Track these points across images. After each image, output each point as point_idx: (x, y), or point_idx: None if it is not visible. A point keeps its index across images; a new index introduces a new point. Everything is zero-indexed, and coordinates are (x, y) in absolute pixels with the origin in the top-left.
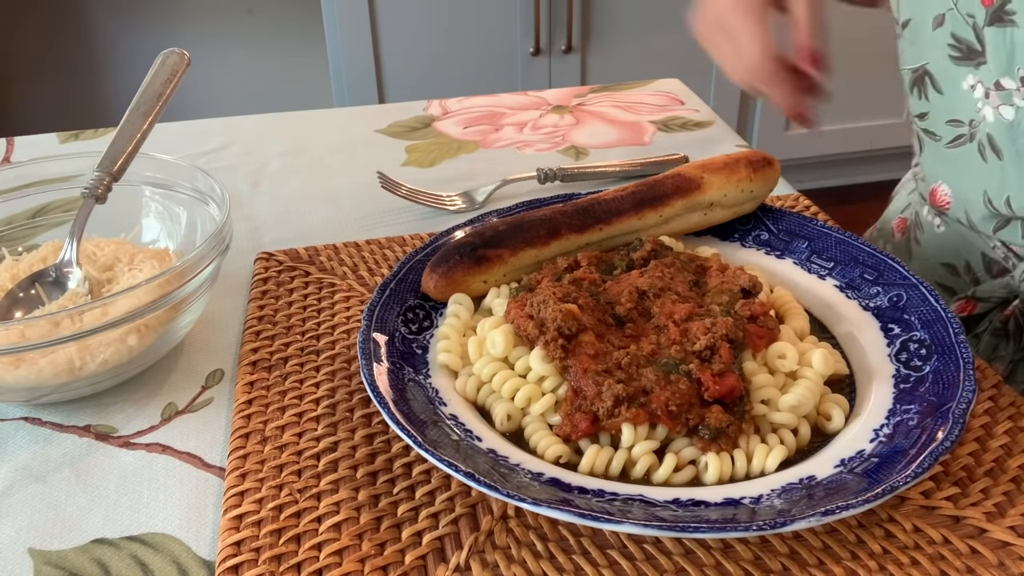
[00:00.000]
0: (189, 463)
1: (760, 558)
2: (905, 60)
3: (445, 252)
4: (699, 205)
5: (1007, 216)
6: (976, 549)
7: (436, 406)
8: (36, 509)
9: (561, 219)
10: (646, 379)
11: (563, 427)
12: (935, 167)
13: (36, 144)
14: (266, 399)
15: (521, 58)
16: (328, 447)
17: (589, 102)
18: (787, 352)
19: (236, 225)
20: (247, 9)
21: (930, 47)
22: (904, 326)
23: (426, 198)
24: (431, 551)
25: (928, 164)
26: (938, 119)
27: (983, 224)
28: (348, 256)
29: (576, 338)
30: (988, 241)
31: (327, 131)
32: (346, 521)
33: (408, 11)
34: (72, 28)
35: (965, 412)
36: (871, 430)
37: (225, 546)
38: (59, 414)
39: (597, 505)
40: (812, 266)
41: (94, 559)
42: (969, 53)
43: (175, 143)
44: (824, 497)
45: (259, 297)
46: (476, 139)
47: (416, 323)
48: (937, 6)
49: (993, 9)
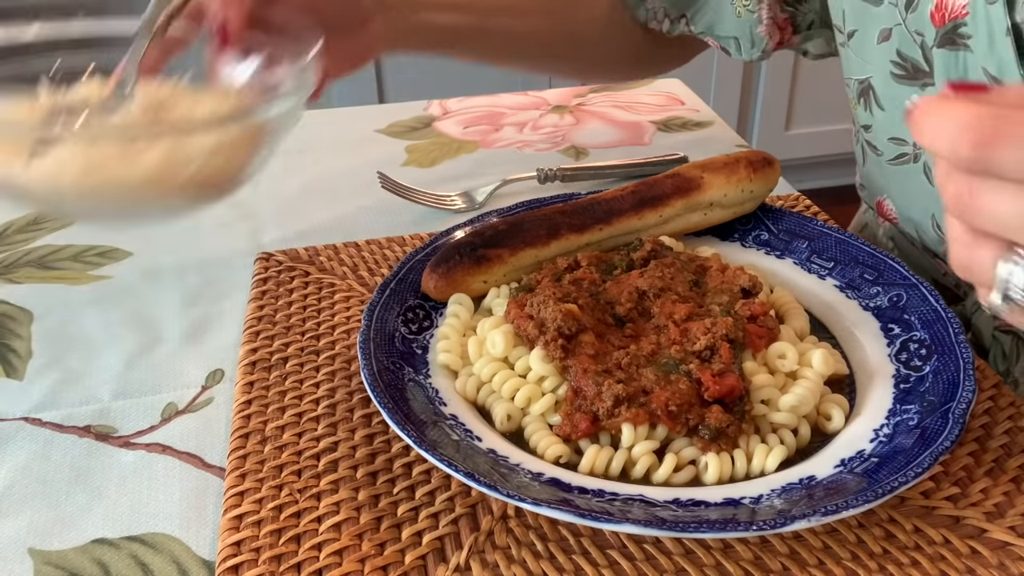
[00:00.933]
0: (189, 463)
1: (760, 558)
2: (851, 69)
3: (445, 252)
4: (699, 205)
5: None
6: (976, 549)
7: (436, 406)
8: (36, 509)
9: (561, 219)
10: (646, 379)
11: (563, 427)
12: (878, 181)
13: None
14: (266, 399)
15: None
16: (328, 447)
17: (589, 102)
18: (787, 352)
19: (236, 225)
20: None
21: (873, 61)
22: (904, 326)
23: (426, 198)
24: (431, 551)
25: (871, 177)
26: (881, 135)
27: (934, 245)
28: (348, 256)
29: (576, 338)
30: (939, 267)
31: (327, 131)
32: (346, 521)
33: None
34: None
35: (965, 412)
36: (871, 430)
37: (225, 546)
38: (59, 414)
39: (597, 505)
40: (812, 266)
41: (94, 559)
42: (915, 72)
43: None
44: (824, 497)
45: (259, 297)
46: (476, 139)
47: (416, 323)
48: (884, 20)
49: (945, 30)
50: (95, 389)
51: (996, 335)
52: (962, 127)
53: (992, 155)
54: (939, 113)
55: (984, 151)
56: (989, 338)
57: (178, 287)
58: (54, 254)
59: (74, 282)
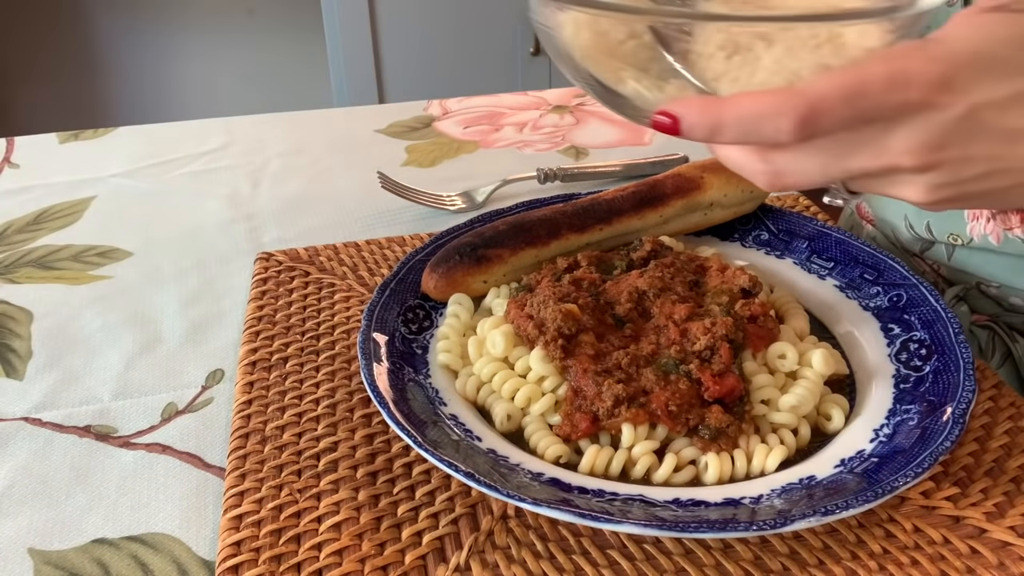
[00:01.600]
0: (189, 463)
1: (760, 558)
2: None
3: (445, 252)
4: (699, 205)
5: (931, 240)
6: (976, 549)
7: (436, 406)
8: (36, 509)
9: (561, 219)
10: (646, 379)
11: (563, 427)
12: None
13: (36, 144)
14: (266, 399)
15: (521, 58)
16: (328, 447)
17: (589, 102)
18: (787, 352)
19: (236, 225)
20: (247, 9)
21: None
22: (904, 326)
23: (426, 198)
24: (431, 551)
25: None
26: None
27: (911, 245)
28: (348, 256)
29: (576, 338)
30: (918, 265)
31: (327, 131)
32: (346, 521)
33: (408, 11)
34: (72, 28)
35: (965, 412)
36: (871, 430)
37: (225, 546)
38: (59, 414)
39: (597, 505)
40: (812, 266)
41: (94, 559)
42: None
43: (175, 143)
44: (824, 497)
45: (259, 297)
46: (476, 139)
47: (416, 323)
48: None
49: None
50: (95, 389)
51: (973, 330)
52: (777, 111)
53: (812, 128)
54: (736, 108)
55: (806, 126)
56: (966, 333)
57: (178, 287)
58: (54, 254)
59: (74, 282)
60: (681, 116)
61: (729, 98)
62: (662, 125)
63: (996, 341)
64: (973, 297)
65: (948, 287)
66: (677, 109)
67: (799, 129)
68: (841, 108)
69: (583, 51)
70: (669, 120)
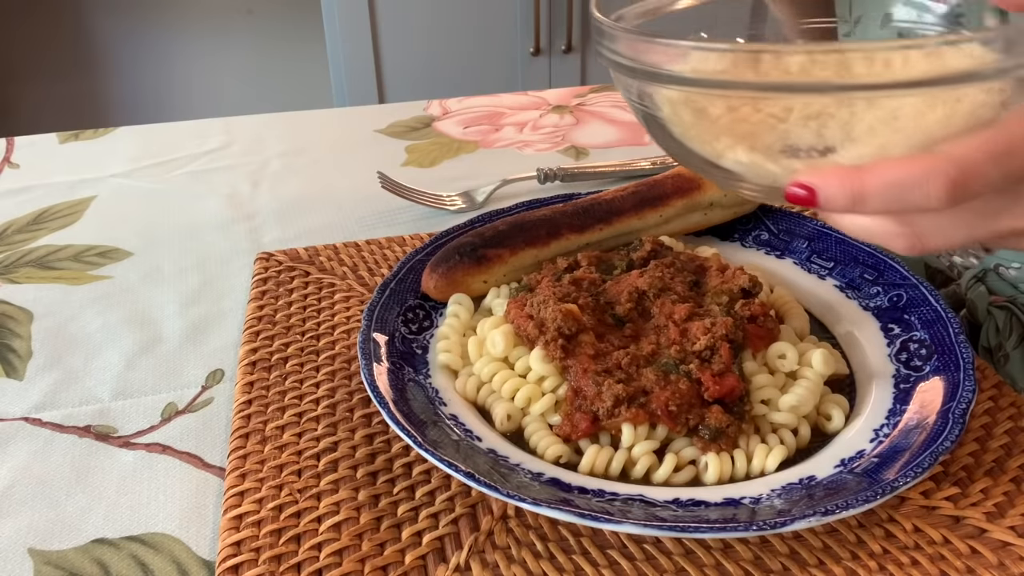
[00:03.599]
0: (189, 463)
1: (760, 558)
2: None
3: (445, 252)
4: (699, 205)
5: None
6: (976, 549)
7: (436, 406)
8: (36, 509)
9: (561, 219)
10: (646, 379)
11: (563, 427)
12: None
13: (36, 144)
14: (266, 399)
15: (521, 58)
16: (328, 447)
17: (589, 102)
18: (787, 352)
19: (236, 225)
20: (247, 9)
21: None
22: (904, 326)
23: (426, 198)
24: (431, 551)
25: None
26: None
27: None
28: (348, 256)
29: (576, 338)
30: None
31: (327, 131)
32: (346, 521)
33: (408, 11)
34: (72, 28)
35: (965, 412)
36: (871, 430)
37: (225, 546)
38: (59, 414)
39: (597, 505)
40: (812, 266)
41: (94, 559)
42: None
43: (175, 143)
44: (824, 497)
45: (259, 297)
46: (476, 139)
47: (416, 323)
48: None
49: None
50: (95, 389)
51: (991, 310)
52: (926, 177)
53: (964, 192)
54: (880, 177)
55: (958, 191)
56: (984, 313)
57: (178, 287)
58: (54, 254)
59: (74, 282)
60: (818, 188)
61: (870, 167)
62: (798, 198)
63: (1014, 322)
64: (991, 279)
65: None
66: (813, 180)
67: (950, 194)
68: (991, 169)
69: (683, 129)
70: (805, 192)
